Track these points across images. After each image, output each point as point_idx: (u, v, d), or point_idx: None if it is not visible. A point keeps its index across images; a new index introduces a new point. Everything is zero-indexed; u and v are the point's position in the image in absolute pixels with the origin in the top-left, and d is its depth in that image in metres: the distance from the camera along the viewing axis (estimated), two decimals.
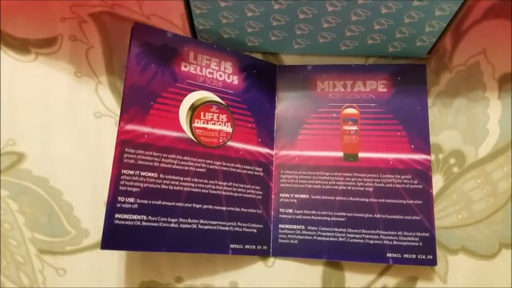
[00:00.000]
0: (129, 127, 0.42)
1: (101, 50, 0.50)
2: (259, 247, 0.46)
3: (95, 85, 0.49)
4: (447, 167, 0.49)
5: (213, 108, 0.46)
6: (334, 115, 0.49)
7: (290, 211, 0.47)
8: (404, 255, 0.45)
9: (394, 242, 0.45)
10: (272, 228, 0.47)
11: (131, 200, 0.41)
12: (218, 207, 0.44)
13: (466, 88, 0.51)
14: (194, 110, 0.45)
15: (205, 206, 0.44)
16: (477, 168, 0.49)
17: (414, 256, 0.45)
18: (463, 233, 0.47)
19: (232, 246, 0.44)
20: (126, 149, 0.41)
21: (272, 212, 0.48)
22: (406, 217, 0.46)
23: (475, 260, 0.47)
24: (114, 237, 0.40)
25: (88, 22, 0.50)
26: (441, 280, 0.46)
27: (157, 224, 0.41)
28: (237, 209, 0.45)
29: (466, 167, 0.49)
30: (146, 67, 0.44)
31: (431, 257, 0.45)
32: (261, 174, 0.48)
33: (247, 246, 0.45)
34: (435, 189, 0.48)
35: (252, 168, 0.47)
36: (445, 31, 0.47)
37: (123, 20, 0.51)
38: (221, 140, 0.46)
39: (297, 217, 0.47)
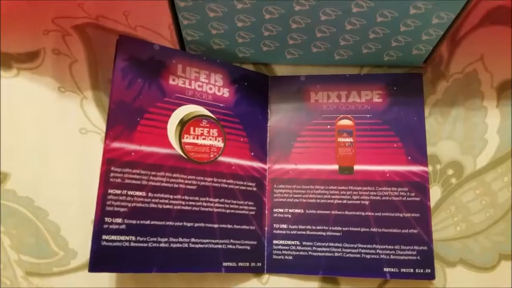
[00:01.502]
0: (115, 144, 0.41)
1: (86, 64, 0.49)
2: (253, 264, 0.45)
3: (80, 100, 0.48)
4: (445, 178, 0.48)
5: (203, 123, 0.45)
6: (329, 127, 0.48)
7: (285, 226, 0.46)
8: (402, 270, 0.44)
9: (391, 257, 0.44)
10: (266, 244, 0.46)
11: (119, 220, 0.40)
12: (209, 225, 0.44)
13: (463, 97, 0.50)
14: (183, 125, 0.44)
15: (196, 224, 0.43)
16: (476, 179, 0.48)
17: (411, 270, 0.44)
18: (461, 245, 0.47)
19: (225, 264, 0.44)
20: (112, 168, 0.40)
21: (266, 228, 0.47)
22: (403, 231, 0.45)
23: (474, 273, 0.46)
24: (102, 259, 0.39)
25: (72, 34, 0.49)
26: None
27: (146, 245, 0.40)
28: (229, 226, 0.44)
29: (465, 177, 0.48)
30: (132, 82, 0.43)
31: (429, 271, 0.44)
32: (254, 189, 0.47)
33: (240, 264, 0.44)
34: (432, 201, 0.48)
35: (245, 183, 0.46)
36: (442, 39, 0.46)
37: (108, 32, 0.50)
38: (212, 156, 0.45)
39: (292, 232, 0.46)
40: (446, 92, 0.50)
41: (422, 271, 0.44)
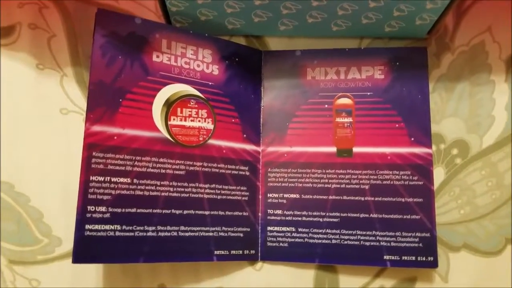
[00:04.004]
0: (96, 128, 0.37)
1: (65, 39, 0.45)
2: (246, 252, 0.43)
3: (59, 78, 0.44)
4: (449, 158, 0.45)
5: (191, 103, 0.42)
6: (326, 106, 0.45)
7: (279, 212, 0.43)
8: (403, 257, 0.42)
9: (392, 244, 0.42)
10: (260, 231, 0.44)
11: (102, 209, 0.37)
12: (200, 212, 0.41)
13: (469, 71, 0.46)
14: (170, 106, 0.41)
15: (185, 212, 0.40)
16: (482, 159, 0.45)
17: (413, 258, 0.42)
18: (465, 229, 0.44)
19: (216, 252, 0.41)
20: (94, 153, 0.37)
21: (259, 214, 0.44)
22: (405, 217, 0.42)
23: (479, 258, 0.44)
24: (86, 250, 0.36)
25: (49, 7, 0.45)
26: (442, 279, 0.43)
27: (133, 234, 0.38)
28: (221, 213, 0.42)
29: (470, 158, 0.45)
30: (113, 60, 0.39)
31: (432, 259, 0.41)
32: (247, 173, 0.44)
33: (233, 252, 0.42)
34: (436, 183, 0.45)
35: (237, 167, 0.43)
36: (448, 8, 0.42)
37: (88, 3, 0.46)
38: (201, 139, 0.42)
39: (287, 218, 0.43)
40: (451, 66, 0.46)
41: (424, 259, 0.41)
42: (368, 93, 0.44)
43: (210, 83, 0.43)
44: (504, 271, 0.43)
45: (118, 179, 0.38)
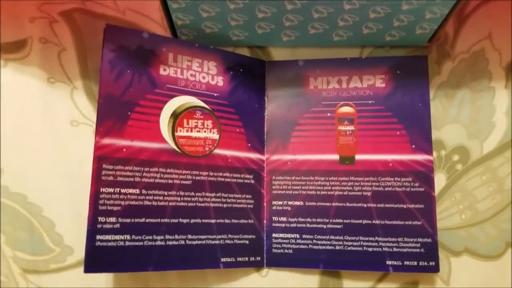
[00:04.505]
0: (106, 141, 0.39)
1: (75, 52, 0.46)
2: (252, 258, 0.43)
3: (70, 91, 0.45)
4: (450, 164, 0.46)
5: (197, 114, 0.43)
6: (329, 114, 0.45)
7: (284, 219, 0.44)
8: (405, 262, 0.42)
9: (394, 249, 0.43)
10: (265, 238, 0.44)
11: (113, 219, 0.38)
12: (206, 220, 0.42)
13: (470, 78, 0.47)
14: (176, 117, 0.42)
15: (192, 221, 0.41)
16: (482, 165, 0.46)
17: (415, 263, 0.42)
18: (466, 234, 0.45)
19: (223, 259, 0.42)
20: (103, 165, 0.38)
21: (264, 221, 0.45)
22: (406, 223, 0.43)
23: (480, 262, 0.44)
24: (97, 259, 0.37)
25: (59, 21, 0.46)
26: (444, 283, 0.44)
27: (142, 243, 0.39)
28: (227, 221, 0.43)
29: (471, 163, 0.46)
30: (121, 74, 0.40)
31: (434, 263, 0.42)
32: (252, 181, 0.44)
33: (239, 259, 0.43)
34: (437, 189, 0.45)
35: (242, 176, 0.44)
36: (447, 17, 0.42)
37: (97, 17, 0.47)
38: (207, 149, 0.43)
39: (291, 225, 0.44)
40: (452, 73, 0.47)
41: (426, 264, 0.42)
42: (370, 102, 0.45)
43: (215, 94, 0.44)
44: (505, 274, 0.44)
45: (127, 190, 0.39)
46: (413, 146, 0.44)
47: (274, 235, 0.44)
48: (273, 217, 0.44)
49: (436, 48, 0.48)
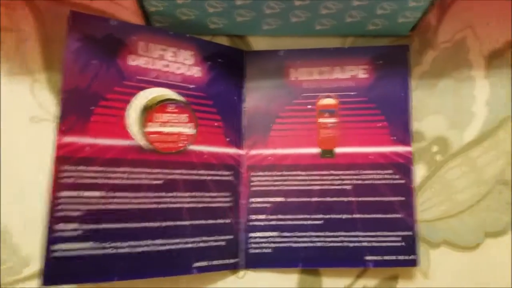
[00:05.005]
0: (67, 139, 0.28)
1: (37, 42, 0.35)
2: (227, 261, 0.34)
3: (30, 84, 0.34)
4: (430, 155, 0.37)
5: (171, 108, 0.32)
6: (309, 106, 0.35)
7: (263, 217, 0.35)
8: (384, 257, 0.34)
9: (374, 244, 0.34)
10: (243, 237, 0.35)
11: (73, 226, 0.28)
12: (179, 223, 0.32)
13: (452, 67, 0.37)
14: (147, 111, 0.31)
15: (163, 224, 0.31)
16: (461, 155, 0.37)
17: (394, 257, 0.34)
18: (445, 225, 0.36)
19: (196, 264, 0.32)
20: (64, 167, 0.28)
21: (242, 220, 0.35)
22: (386, 216, 0.34)
23: (458, 253, 0.36)
24: (56, 270, 0.28)
25: (21, 8, 0.35)
26: (423, 276, 0.36)
27: (106, 251, 0.29)
28: (202, 222, 0.33)
29: (450, 154, 0.37)
30: (87, 65, 0.29)
31: (413, 257, 0.34)
32: (230, 178, 0.35)
33: (214, 262, 0.33)
34: (417, 180, 0.36)
35: (219, 172, 0.34)
36: (431, 6, 0.33)
37: (62, 3, 0.35)
38: (181, 145, 0.32)
39: (271, 223, 0.35)
40: (434, 63, 0.38)
41: (405, 257, 0.34)
42: (352, 93, 0.35)
43: (191, 86, 0.33)
44: (483, 264, 0.36)
45: (90, 193, 0.29)
46: (394, 138, 0.35)
47: (251, 234, 0.35)
48: (252, 215, 0.35)
49: (418, 38, 0.38)
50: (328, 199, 0.34)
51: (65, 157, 0.28)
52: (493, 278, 0.36)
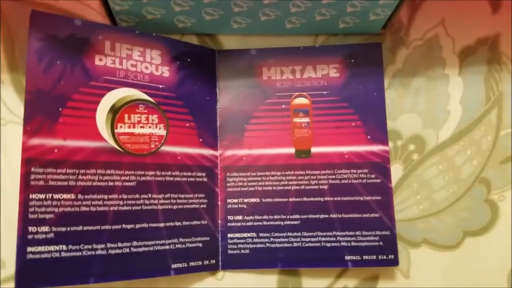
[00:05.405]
0: (35, 141, 0.32)
1: (1, 42, 0.38)
2: (206, 262, 0.39)
3: None
4: (406, 154, 0.43)
5: (140, 108, 0.37)
6: (283, 106, 0.41)
7: (240, 218, 0.40)
8: (364, 257, 0.39)
9: (353, 243, 0.39)
10: (220, 239, 0.40)
11: (45, 229, 0.32)
12: (154, 225, 0.36)
13: (425, 65, 0.44)
14: (116, 112, 0.36)
15: (138, 226, 0.36)
16: (438, 153, 0.43)
17: (374, 257, 0.39)
18: (425, 224, 0.42)
19: (174, 266, 0.37)
20: (32, 169, 0.32)
21: (219, 221, 0.40)
22: (364, 216, 0.39)
23: (439, 252, 0.41)
24: (29, 274, 0.31)
25: None
26: (403, 276, 0.41)
27: (80, 253, 0.33)
28: (177, 224, 0.37)
29: (427, 153, 0.43)
30: (51, 65, 0.34)
31: (393, 256, 0.39)
32: (205, 179, 0.39)
33: (192, 264, 0.38)
34: (394, 179, 0.42)
35: (194, 174, 0.39)
36: (401, 2, 0.39)
37: (25, 3, 0.40)
38: (153, 146, 0.37)
39: (248, 224, 0.40)
40: (407, 61, 0.44)
41: (385, 257, 0.39)
42: (324, 92, 0.41)
43: (160, 86, 0.38)
44: (463, 263, 0.41)
45: (61, 196, 0.33)
46: (369, 137, 0.40)
47: (229, 235, 0.40)
48: (228, 216, 0.40)
49: (390, 36, 0.44)
50: (305, 199, 0.40)
51: (32, 159, 0.32)
52: (473, 277, 0.41)
